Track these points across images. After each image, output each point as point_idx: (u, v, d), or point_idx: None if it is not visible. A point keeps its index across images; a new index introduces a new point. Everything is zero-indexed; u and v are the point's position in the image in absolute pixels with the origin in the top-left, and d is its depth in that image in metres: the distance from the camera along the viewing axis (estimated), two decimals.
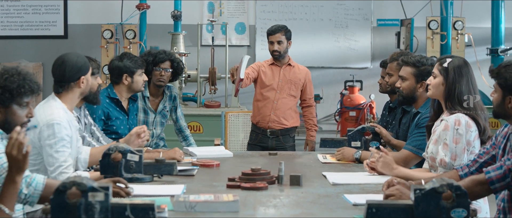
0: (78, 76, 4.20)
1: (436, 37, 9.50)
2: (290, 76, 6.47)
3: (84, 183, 2.79)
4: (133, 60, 5.39)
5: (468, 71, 4.02)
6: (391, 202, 3.01)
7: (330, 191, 3.71)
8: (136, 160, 3.87)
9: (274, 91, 6.42)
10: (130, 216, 2.81)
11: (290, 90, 6.47)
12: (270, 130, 6.41)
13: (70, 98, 4.22)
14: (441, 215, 2.80)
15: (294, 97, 6.52)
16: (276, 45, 6.40)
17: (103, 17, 10.38)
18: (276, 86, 6.43)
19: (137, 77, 5.35)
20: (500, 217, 3.48)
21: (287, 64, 6.51)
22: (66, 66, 4.19)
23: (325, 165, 4.65)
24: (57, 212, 2.80)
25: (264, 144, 6.35)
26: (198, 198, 3.20)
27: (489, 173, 3.32)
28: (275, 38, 6.41)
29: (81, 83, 4.21)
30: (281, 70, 6.47)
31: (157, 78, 5.73)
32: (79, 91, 4.24)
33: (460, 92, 3.98)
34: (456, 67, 4.03)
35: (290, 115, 6.48)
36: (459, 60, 4.10)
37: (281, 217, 3.18)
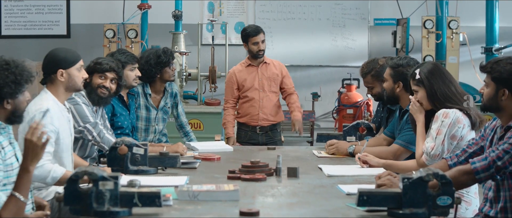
0: (55, 69, 4.33)
1: (431, 36, 9.62)
2: (267, 74, 6.61)
3: (95, 172, 2.99)
4: (124, 55, 5.51)
5: (439, 70, 4.22)
6: (380, 190, 3.22)
7: (325, 182, 3.91)
8: (142, 153, 4.07)
9: (257, 91, 6.57)
10: (137, 203, 3.01)
11: (270, 87, 6.61)
12: (260, 127, 6.57)
13: (56, 91, 4.34)
14: (428, 202, 3.00)
15: (275, 93, 6.67)
16: (260, 44, 6.54)
17: (105, 17, 10.50)
18: (257, 85, 6.57)
19: (127, 71, 5.45)
20: (487, 205, 3.68)
21: (263, 63, 6.65)
22: (47, 58, 4.37)
23: (321, 158, 4.85)
24: (70, 200, 3.00)
25: (255, 141, 6.52)
26: (201, 188, 3.40)
27: (474, 163, 3.52)
28: (260, 38, 6.54)
29: (60, 76, 4.34)
30: (258, 69, 6.61)
31: (169, 74, 5.92)
32: (61, 84, 4.34)
33: (442, 91, 4.18)
34: (427, 73, 4.23)
35: (275, 111, 6.65)
36: (427, 65, 4.30)
37: (278, 205, 3.37)
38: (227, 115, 6.60)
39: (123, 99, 5.54)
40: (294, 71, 11.10)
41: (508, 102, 3.57)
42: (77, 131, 4.67)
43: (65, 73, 4.33)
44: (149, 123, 5.93)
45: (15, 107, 3.44)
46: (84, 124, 4.70)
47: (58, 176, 4.07)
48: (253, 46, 6.55)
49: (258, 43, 6.53)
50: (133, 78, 5.48)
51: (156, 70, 5.87)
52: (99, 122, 4.81)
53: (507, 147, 3.45)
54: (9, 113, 3.44)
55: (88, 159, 4.91)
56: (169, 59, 5.89)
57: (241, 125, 6.73)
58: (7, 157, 3.39)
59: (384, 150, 4.71)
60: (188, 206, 3.22)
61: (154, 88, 5.99)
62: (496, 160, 3.46)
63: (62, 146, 4.29)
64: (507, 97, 3.57)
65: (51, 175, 4.05)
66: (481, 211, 3.72)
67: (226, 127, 6.57)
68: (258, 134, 6.57)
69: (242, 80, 6.60)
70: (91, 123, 4.71)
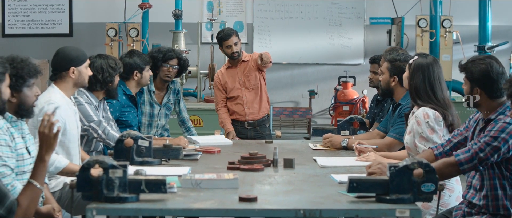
0: (68, 67, 4.61)
1: (425, 35, 9.81)
2: (245, 71, 6.71)
3: (105, 161, 3.23)
4: (142, 57, 5.79)
5: (432, 69, 4.43)
6: (369, 178, 3.46)
7: (319, 172, 4.15)
8: (146, 146, 4.31)
9: (240, 89, 6.72)
10: (145, 190, 3.25)
11: (253, 83, 6.72)
12: (248, 122, 6.75)
13: (64, 87, 4.62)
14: (413, 189, 3.24)
15: (258, 87, 6.75)
16: (234, 47, 6.63)
17: (106, 16, 10.69)
18: (239, 85, 6.72)
19: (145, 73, 5.76)
20: (470, 192, 3.92)
21: (242, 62, 6.75)
22: (59, 56, 4.64)
23: (316, 151, 5.09)
24: (82, 186, 3.24)
25: (243, 135, 6.68)
26: (203, 176, 3.64)
27: (458, 155, 3.76)
28: (232, 41, 6.60)
29: (71, 73, 4.62)
30: (237, 70, 6.73)
31: (164, 73, 6.12)
32: (71, 81, 4.63)
33: (417, 87, 4.42)
34: (417, 65, 4.47)
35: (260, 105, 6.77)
36: (423, 59, 4.52)
37: (275, 192, 3.61)
38: (221, 114, 6.76)
39: (134, 98, 5.77)
40: (291, 69, 11.34)
41: (482, 100, 3.83)
42: (83, 129, 4.91)
43: (76, 70, 4.59)
44: (152, 119, 6.16)
45: (20, 100, 3.67)
46: (89, 123, 4.93)
47: (61, 167, 4.30)
48: (226, 50, 6.64)
49: (230, 46, 6.60)
50: (148, 78, 5.81)
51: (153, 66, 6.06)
52: (102, 119, 5.04)
53: (488, 140, 3.69)
54: (16, 107, 3.68)
55: (93, 153, 5.15)
56: (161, 58, 6.10)
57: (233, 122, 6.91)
58: (18, 147, 3.63)
59: (378, 142, 4.96)
60: (191, 193, 3.45)
61: (156, 85, 6.22)
62: (478, 152, 3.70)
63: (69, 137, 4.54)
64: (480, 94, 3.83)
65: (55, 165, 4.29)
66: (464, 197, 3.96)
67: (224, 124, 6.75)
68: (246, 129, 6.74)
69: (224, 82, 6.74)
70: (95, 122, 4.94)
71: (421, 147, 4.31)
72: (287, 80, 11.34)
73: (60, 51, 4.69)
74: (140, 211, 3.25)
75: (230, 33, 6.64)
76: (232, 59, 6.69)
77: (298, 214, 3.14)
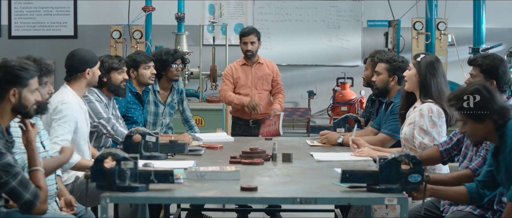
0: (84, 68, 4.92)
1: (421, 37, 10.02)
2: (260, 73, 7.02)
3: (118, 153, 3.51)
4: (140, 55, 6.06)
5: (439, 66, 4.71)
6: (360, 169, 3.73)
7: (315, 166, 4.43)
8: (154, 141, 4.59)
9: (250, 88, 7.00)
10: (154, 180, 3.53)
11: (262, 86, 7.02)
12: (252, 120, 7.01)
13: (78, 87, 4.94)
14: (400, 179, 3.52)
15: (266, 91, 7.08)
16: (250, 45, 6.96)
17: (111, 18, 10.89)
18: (250, 84, 7.01)
19: (142, 70, 6.00)
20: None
21: (257, 62, 7.07)
22: (75, 58, 4.94)
23: (313, 147, 5.37)
24: (96, 177, 3.52)
25: (247, 133, 6.94)
26: (207, 169, 3.92)
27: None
28: (249, 39, 6.96)
29: (86, 74, 4.93)
30: (252, 69, 7.02)
31: (173, 73, 6.37)
32: (85, 81, 4.96)
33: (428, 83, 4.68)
34: (429, 63, 4.74)
35: (265, 107, 7.01)
36: (431, 57, 4.81)
37: (274, 183, 3.89)
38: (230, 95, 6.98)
39: (140, 96, 6.03)
40: (291, 70, 11.55)
41: None
42: (93, 126, 5.18)
43: (91, 71, 4.89)
44: (157, 117, 6.43)
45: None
46: (99, 120, 5.21)
47: (74, 163, 4.58)
48: (243, 46, 7.01)
49: (247, 43, 6.95)
50: (148, 76, 6.00)
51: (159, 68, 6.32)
52: (111, 117, 5.31)
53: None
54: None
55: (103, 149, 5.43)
56: (172, 59, 6.37)
57: (236, 119, 7.16)
58: None
59: (372, 139, 5.23)
60: (196, 184, 3.72)
61: (161, 85, 6.47)
62: None
63: (80, 134, 4.82)
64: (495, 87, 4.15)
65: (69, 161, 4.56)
66: None
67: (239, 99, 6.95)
68: (251, 127, 7.00)
69: (237, 77, 7.03)
70: (105, 119, 5.22)
71: (418, 138, 4.57)
72: (287, 81, 11.40)
73: (75, 53, 4.97)
74: (149, 199, 3.55)
75: (250, 31, 7.01)
76: (246, 56, 6.99)
77: (295, 201, 3.42)
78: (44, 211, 3.57)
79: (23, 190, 3.46)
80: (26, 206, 3.49)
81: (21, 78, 3.59)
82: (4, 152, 3.46)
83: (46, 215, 3.68)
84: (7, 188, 3.44)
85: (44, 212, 3.58)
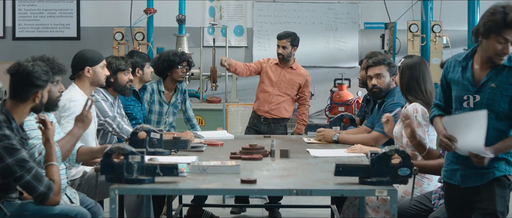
0: (83, 66, 5.15)
1: (416, 39, 10.20)
2: (288, 77, 7.24)
3: (126, 148, 3.74)
4: (141, 56, 6.31)
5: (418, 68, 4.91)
6: (353, 163, 3.97)
7: (311, 161, 4.66)
8: (158, 138, 4.81)
9: (272, 88, 7.24)
10: (159, 173, 3.76)
11: (286, 89, 7.24)
12: (264, 117, 7.25)
13: (82, 85, 5.19)
14: (390, 173, 3.75)
15: (288, 95, 7.28)
16: (281, 49, 7.20)
17: (113, 20, 11.06)
18: (274, 84, 7.24)
19: (146, 69, 6.27)
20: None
21: (290, 67, 7.30)
22: (76, 57, 5.23)
23: (309, 144, 5.60)
24: (105, 170, 3.75)
25: (257, 128, 7.19)
26: (209, 163, 4.15)
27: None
28: (281, 43, 7.22)
29: (86, 72, 5.16)
30: (283, 71, 7.25)
31: (179, 75, 6.61)
32: (87, 79, 5.19)
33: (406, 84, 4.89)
34: (404, 65, 4.96)
35: (281, 109, 7.25)
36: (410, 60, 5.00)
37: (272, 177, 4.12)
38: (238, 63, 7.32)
39: (137, 93, 6.26)
40: None
41: None
42: (99, 124, 5.41)
43: (91, 70, 5.12)
44: (161, 117, 6.67)
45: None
46: (105, 118, 5.44)
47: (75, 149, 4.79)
48: (277, 47, 7.27)
49: (279, 46, 7.22)
50: (150, 74, 6.27)
51: (165, 68, 6.56)
52: (117, 115, 5.54)
53: None
54: None
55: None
56: (179, 60, 6.59)
57: (253, 113, 7.40)
58: None
59: (365, 137, 5.47)
60: (199, 177, 3.96)
61: (166, 86, 6.71)
62: None
63: (87, 131, 5.04)
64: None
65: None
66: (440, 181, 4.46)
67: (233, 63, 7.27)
68: (261, 123, 7.25)
69: (266, 71, 7.26)
70: (111, 117, 5.45)
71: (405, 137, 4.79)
72: None
73: (78, 53, 5.24)
74: (155, 190, 3.78)
75: (283, 36, 7.27)
76: (278, 58, 7.23)
77: (291, 193, 3.66)
78: (57, 202, 3.82)
79: (37, 183, 3.71)
80: (40, 197, 3.74)
81: (44, 81, 3.86)
82: (19, 148, 3.70)
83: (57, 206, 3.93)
84: (22, 181, 3.70)
85: (57, 203, 3.83)
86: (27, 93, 3.90)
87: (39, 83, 3.90)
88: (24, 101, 3.90)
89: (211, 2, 11.66)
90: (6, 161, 3.68)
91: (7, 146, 3.68)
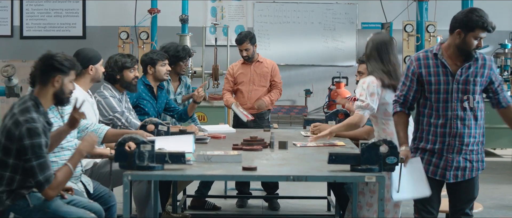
0: (87, 65, 5.39)
1: (411, 39, 10.58)
2: (259, 71, 7.53)
3: (138, 138, 4.10)
4: (156, 54, 6.58)
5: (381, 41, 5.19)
6: (345, 152, 4.33)
7: (307, 152, 5.01)
8: (165, 130, 5.17)
9: (247, 84, 7.56)
10: (168, 161, 4.11)
11: (260, 82, 7.55)
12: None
13: (83, 82, 5.37)
14: (379, 161, 4.10)
15: (264, 87, 7.57)
16: (244, 52, 7.50)
17: (118, 20, 11.44)
18: (249, 80, 7.55)
19: (159, 67, 6.54)
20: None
21: (257, 61, 7.60)
22: (79, 56, 5.39)
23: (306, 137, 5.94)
24: (119, 158, 4.11)
25: (244, 125, 7.45)
26: (213, 152, 4.51)
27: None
28: (243, 47, 7.47)
29: (90, 70, 5.40)
30: (252, 67, 7.55)
31: (183, 68, 6.92)
32: (89, 77, 5.41)
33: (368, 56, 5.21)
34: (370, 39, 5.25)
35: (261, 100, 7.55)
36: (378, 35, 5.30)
37: (271, 165, 4.47)
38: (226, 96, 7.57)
39: (152, 89, 6.55)
40: (288, 70, 12.09)
41: None
42: (108, 119, 5.73)
43: (93, 68, 5.43)
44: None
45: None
46: (113, 113, 5.76)
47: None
48: (239, 52, 7.57)
49: (242, 50, 7.51)
50: (164, 73, 6.51)
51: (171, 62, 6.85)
52: (125, 110, 5.87)
53: None
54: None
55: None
56: (184, 56, 6.92)
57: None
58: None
59: (358, 130, 5.80)
60: (204, 165, 4.31)
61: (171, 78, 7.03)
62: None
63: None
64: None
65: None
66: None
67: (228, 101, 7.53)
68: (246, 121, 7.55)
69: (237, 75, 7.60)
70: (119, 112, 5.77)
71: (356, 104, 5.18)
72: (285, 80, 11.68)
73: (79, 52, 5.47)
74: (165, 176, 4.14)
75: (242, 40, 7.48)
76: (244, 60, 7.54)
77: (288, 178, 4.02)
78: (50, 197, 4.10)
79: (39, 172, 4.00)
80: (37, 185, 4.06)
81: (65, 67, 4.20)
82: (40, 133, 4.02)
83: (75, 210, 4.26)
84: (28, 164, 4.00)
85: (50, 198, 4.12)
86: (47, 75, 4.20)
87: (59, 67, 4.20)
88: (45, 85, 4.20)
89: (213, 2, 12.00)
90: (24, 142, 3.97)
91: (31, 128, 3.98)
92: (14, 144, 4.01)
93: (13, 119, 4.04)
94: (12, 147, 4.03)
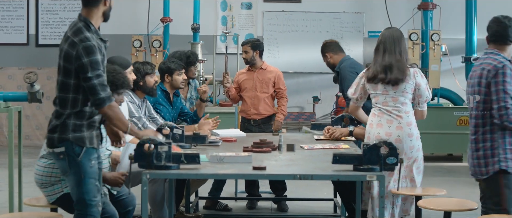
0: None
1: (416, 47, 10.85)
2: (261, 78, 7.82)
3: (155, 139, 4.41)
4: (174, 63, 6.88)
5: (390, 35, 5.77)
6: (348, 152, 4.64)
7: (314, 153, 5.31)
8: (180, 133, 5.47)
9: (251, 91, 7.86)
10: (184, 161, 4.42)
11: (262, 88, 7.83)
12: (253, 120, 7.85)
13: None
14: (380, 161, 4.40)
15: (266, 93, 7.85)
16: (244, 54, 7.84)
17: (131, 28, 11.75)
18: (252, 87, 7.86)
19: (176, 76, 6.84)
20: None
21: (260, 68, 7.91)
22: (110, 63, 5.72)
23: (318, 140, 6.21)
24: (138, 158, 4.42)
25: (249, 130, 7.71)
26: (225, 154, 4.82)
27: None
28: (243, 49, 7.85)
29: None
30: (255, 73, 7.85)
31: (193, 72, 7.23)
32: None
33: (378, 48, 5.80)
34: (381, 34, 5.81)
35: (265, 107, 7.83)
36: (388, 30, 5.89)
37: (279, 165, 4.78)
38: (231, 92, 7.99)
39: (169, 95, 6.84)
40: (297, 77, 12.37)
41: None
42: None
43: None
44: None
45: None
46: (131, 118, 6.07)
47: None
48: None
49: (242, 52, 7.86)
50: (181, 81, 6.81)
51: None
52: (142, 116, 6.18)
53: None
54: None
55: None
56: (195, 61, 7.25)
57: (242, 118, 8.04)
58: None
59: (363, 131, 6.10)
60: (217, 165, 4.62)
61: None
62: None
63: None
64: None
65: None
66: None
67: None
68: (252, 125, 7.85)
69: (241, 81, 7.92)
70: (136, 117, 6.08)
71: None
72: (293, 87, 12.31)
73: (110, 60, 5.80)
74: (181, 175, 4.48)
75: (244, 42, 7.85)
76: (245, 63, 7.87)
77: (295, 177, 4.33)
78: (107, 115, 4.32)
79: (101, 89, 4.24)
80: (98, 101, 4.27)
81: None
82: (95, 51, 4.24)
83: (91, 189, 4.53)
84: (89, 83, 4.22)
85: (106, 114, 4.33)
86: None
87: None
88: (97, 5, 4.43)
89: (224, 11, 12.29)
90: (82, 60, 4.17)
91: (87, 46, 4.19)
92: (73, 64, 4.20)
93: (68, 41, 4.25)
94: (71, 67, 4.22)
